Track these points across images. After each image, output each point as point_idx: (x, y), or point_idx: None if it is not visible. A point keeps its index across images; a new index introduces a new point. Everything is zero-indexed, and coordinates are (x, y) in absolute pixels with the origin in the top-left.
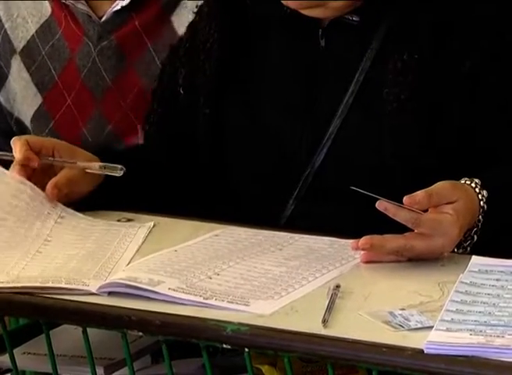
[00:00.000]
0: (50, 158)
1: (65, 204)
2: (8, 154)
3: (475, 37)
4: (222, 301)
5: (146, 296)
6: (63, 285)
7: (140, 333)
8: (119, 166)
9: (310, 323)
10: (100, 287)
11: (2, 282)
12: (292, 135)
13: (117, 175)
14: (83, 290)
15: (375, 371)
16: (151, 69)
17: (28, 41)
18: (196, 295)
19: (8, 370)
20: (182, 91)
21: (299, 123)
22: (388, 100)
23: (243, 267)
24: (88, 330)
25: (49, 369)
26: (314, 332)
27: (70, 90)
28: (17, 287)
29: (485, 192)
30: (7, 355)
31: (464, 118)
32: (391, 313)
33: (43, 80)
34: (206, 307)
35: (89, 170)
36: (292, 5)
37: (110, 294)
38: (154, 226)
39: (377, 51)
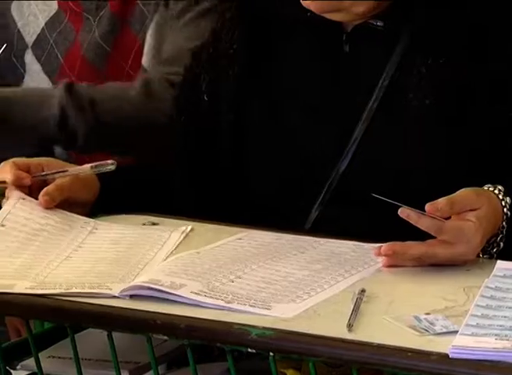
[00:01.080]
0: (42, 173)
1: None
2: None
3: (505, 41)
4: (244, 305)
5: (169, 299)
6: (86, 290)
7: (165, 337)
8: (110, 161)
9: (335, 328)
10: (122, 291)
11: (27, 288)
12: (316, 140)
13: (110, 170)
14: (105, 294)
15: None
16: (144, 23)
17: (38, 35)
18: (218, 299)
19: (34, 374)
20: (206, 98)
21: (323, 129)
22: (412, 105)
23: (266, 271)
24: (113, 333)
25: (74, 373)
26: (340, 336)
27: (73, 69)
28: (41, 294)
29: (508, 199)
30: (32, 358)
31: (489, 123)
32: (416, 318)
33: (52, 67)
34: (228, 310)
35: (82, 173)
36: (313, 8)
37: (135, 297)
38: (190, 230)
39: (401, 57)
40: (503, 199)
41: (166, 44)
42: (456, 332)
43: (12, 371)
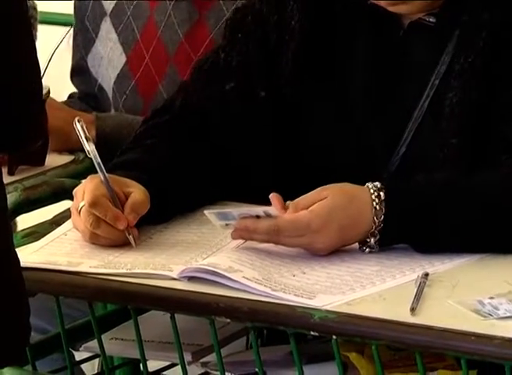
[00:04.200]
0: None
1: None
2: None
3: None
4: (289, 293)
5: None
6: (148, 271)
7: (228, 320)
8: None
9: (398, 311)
10: (180, 272)
11: (91, 266)
12: (368, 138)
13: None
14: (165, 275)
15: (463, 359)
16: (220, 20)
17: (116, 3)
18: (266, 286)
19: (97, 355)
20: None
21: (376, 125)
22: (446, 103)
23: (335, 267)
24: (176, 316)
25: (137, 355)
26: (402, 320)
27: (149, 47)
28: (102, 273)
29: (382, 193)
30: (95, 340)
31: None
32: (480, 302)
33: (127, 39)
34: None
35: None
36: (382, 3)
37: (199, 280)
38: None
39: (452, 55)
40: (373, 193)
41: None
42: None
43: (75, 352)
